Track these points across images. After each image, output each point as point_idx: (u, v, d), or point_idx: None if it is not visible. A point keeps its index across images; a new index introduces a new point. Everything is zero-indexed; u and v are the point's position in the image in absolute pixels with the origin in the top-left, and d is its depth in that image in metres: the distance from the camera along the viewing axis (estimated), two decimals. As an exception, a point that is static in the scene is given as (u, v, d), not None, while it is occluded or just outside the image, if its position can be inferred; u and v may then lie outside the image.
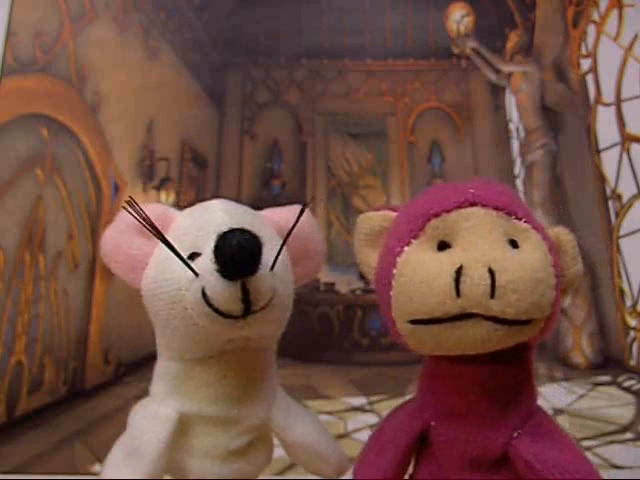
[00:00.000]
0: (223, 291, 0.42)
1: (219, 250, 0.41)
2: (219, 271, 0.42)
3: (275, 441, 0.56)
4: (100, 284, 1.32)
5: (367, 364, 1.44)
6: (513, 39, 1.70)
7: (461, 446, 0.43)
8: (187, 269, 0.43)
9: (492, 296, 0.37)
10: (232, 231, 0.42)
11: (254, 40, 1.74)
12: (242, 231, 0.42)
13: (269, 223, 0.52)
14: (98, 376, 1.29)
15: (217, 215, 0.48)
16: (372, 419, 1.19)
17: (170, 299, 0.45)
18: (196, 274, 0.43)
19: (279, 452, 0.57)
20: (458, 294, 0.37)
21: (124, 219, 0.47)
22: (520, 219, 0.41)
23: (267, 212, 0.54)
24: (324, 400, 1.25)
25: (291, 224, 0.48)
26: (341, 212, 1.71)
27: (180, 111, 1.63)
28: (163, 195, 1.58)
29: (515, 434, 0.42)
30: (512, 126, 1.72)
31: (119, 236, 0.48)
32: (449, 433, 0.44)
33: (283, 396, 0.55)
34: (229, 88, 1.79)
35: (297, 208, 0.50)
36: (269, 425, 0.53)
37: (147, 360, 1.49)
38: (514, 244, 0.40)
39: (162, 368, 0.50)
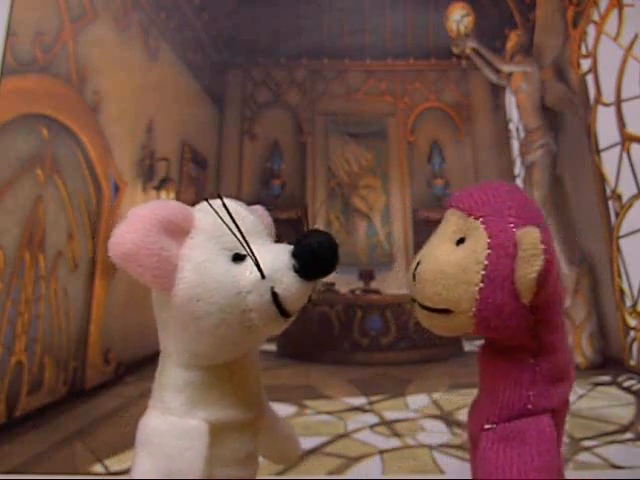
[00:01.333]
0: (299, 291, 0.43)
1: (305, 251, 0.42)
2: (299, 271, 0.42)
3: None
4: (100, 284, 1.32)
5: (367, 364, 1.44)
6: (513, 39, 1.70)
7: (468, 424, 0.49)
8: (246, 271, 0.43)
9: (414, 283, 0.45)
10: (314, 232, 0.43)
11: (254, 40, 1.74)
12: (321, 233, 0.43)
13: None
14: (98, 376, 1.29)
15: (243, 215, 0.47)
16: (372, 419, 1.19)
17: (225, 303, 0.43)
18: (263, 275, 0.43)
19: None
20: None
21: (144, 217, 0.43)
22: (477, 218, 0.44)
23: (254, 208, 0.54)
24: (324, 400, 1.25)
25: (266, 221, 0.50)
26: (341, 212, 1.71)
27: (180, 111, 1.63)
28: (163, 195, 1.58)
29: (487, 426, 0.44)
30: (512, 126, 1.72)
31: (143, 236, 0.42)
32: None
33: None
34: (229, 88, 1.79)
35: (261, 208, 0.53)
36: (265, 422, 0.53)
37: (147, 360, 1.50)
38: (462, 241, 0.44)
39: (180, 378, 0.46)
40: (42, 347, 1.19)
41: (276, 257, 0.44)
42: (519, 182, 1.63)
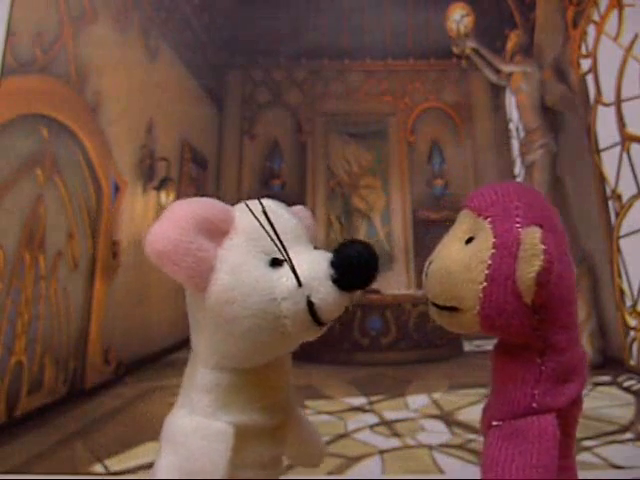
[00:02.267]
0: (335, 301, 0.42)
1: (344, 261, 0.41)
2: (337, 281, 0.41)
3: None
4: (100, 284, 1.32)
5: (367, 364, 1.44)
6: (513, 39, 1.70)
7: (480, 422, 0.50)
8: (283, 277, 0.42)
9: (426, 281, 0.47)
10: (352, 243, 0.42)
11: (254, 40, 1.74)
12: (361, 244, 0.42)
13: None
14: (98, 376, 1.29)
15: (285, 218, 0.46)
16: (372, 419, 1.19)
17: (259, 308, 0.42)
18: (300, 283, 0.42)
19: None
20: None
21: (183, 215, 0.42)
22: (485, 218, 0.44)
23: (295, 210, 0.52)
24: (324, 400, 1.25)
25: (308, 224, 0.49)
26: (341, 212, 1.71)
27: (180, 111, 1.63)
28: (163, 195, 1.58)
29: (494, 423, 0.45)
30: (512, 126, 1.72)
31: (180, 235, 0.41)
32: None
33: (295, 397, 0.55)
34: (229, 88, 1.79)
35: (305, 208, 0.51)
36: (292, 427, 0.52)
37: (147, 360, 1.50)
38: (471, 240, 0.45)
39: (208, 379, 0.46)
40: (42, 347, 1.19)
41: (314, 265, 0.43)
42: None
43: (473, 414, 1.17)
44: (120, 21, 1.49)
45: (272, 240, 0.43)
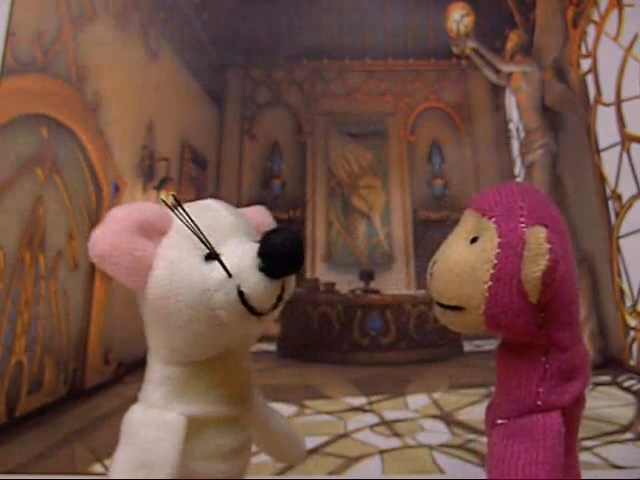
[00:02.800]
0: (265, 290, 0.43)
1: (269, 250, 0.42)
2: (265, 270, 0.42)
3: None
4: (100, 284, 1.32)
5: (367, 364, 1.44)
6: (513, 39, 1.70)
7: (485, 420, 0.50)
8: (215, 270, 0.43)
9: (430, 280, 0.47)
10: (278, 231, 0.43)
11: (254, 40, 1.74)
12: (288, 231, 0.43)
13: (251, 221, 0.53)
14: (98, 376, 1.29)
15: (222, 215, 0.48)
16: (372, 419, 1.19)
17: (193, 301, 0.44)
18: (229, 274, 0.43)
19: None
20: None
21: (120, 218, 0.45)
22: (490, 218, 0.45)
23: (243, 210, 0.54)
24: (324, 400, 1.25)
25: (259, 222, 0.51)
26: (341, 212, 1.71)
27: (180, 111, 1.63)
28: (163, 195, 1.58)
29: (499, 421, 0.45)
30: (512, 126, 1.72)
31: (117, 237, 0.45)
32: None
33: (258, 391, 0.56)
34: (229, 88, 1.79)
35: (261, 208, 0.54)
36: (254, 419, 0.53)
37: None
38: (476, 240, 0.45)
39: (161, 373, 0.48)
40: (42, 347, 1.19)
41: (243, 256, 0.44)
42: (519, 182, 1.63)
43: (473, 414, 1.17)
44: (120, 21, 1.49)
45: (195, 234, 0.44)
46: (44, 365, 1.20)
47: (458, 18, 1.71)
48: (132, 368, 1.35)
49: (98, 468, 1.05)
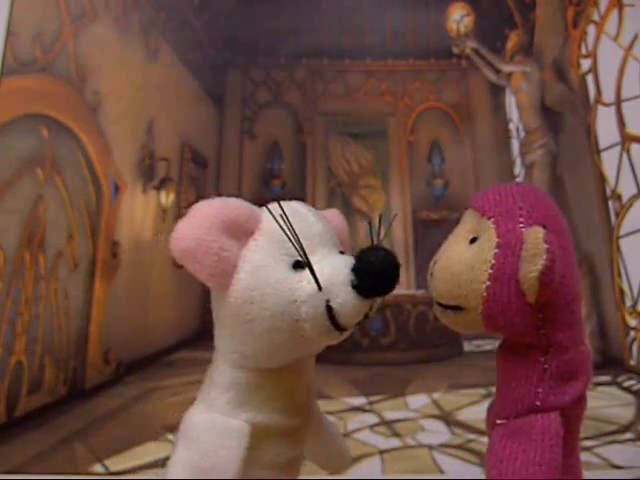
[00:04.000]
0: (354, 307, 0.42)
1: (365, 268, 0.41)
2: (357, 287, 0.41)
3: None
4: (100, 284, 1.32)
5: (367, 364, 1.44)
6: (513, 39, 1.70)
7: (486, 420, 0.50)
8: (304, 280, 0.42)
9: (431, 280, 0.47)
10: (373, 250, 0.42)
11: (254, 40, 1.74)
12: (383, 251, 0.42)
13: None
14: (98, 376, 1.29)
15: (311, 221, 0.46)
16: (372, 419, 1.19)
17: (278, 310, 0.42)
18: (320, 287, 0.42)
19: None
20: None
21: (208, 214, 0.42)
22: (489, 218, 0.45)
23: (324, 213, 0.52)
24: (324, 400, 1.25)
25: (337, 227, 0.49)
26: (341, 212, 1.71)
27: (180, 111, 1.63)
28: (163, 195, 1.58)
29: (499, 421, 0.45)
30: (512, 126, 1.72)
31: (204, 234, 0.41)
32: None
33: (315, 400, 0.55)
34: (229, 88, 1.79)
35: (337, 212, 0.52)
36: (311, 430, 0.52)
37: (147, 360, 1.50)
38: (475, 240, 0.45)
39: (228, 376, 0.46)
40: (42, 347, 1.19)
41: (335, 270, 0.42)
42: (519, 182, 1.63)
43: (473, 414, 1.17)
44: (120, 21, 1.49)
45: (292, 243, 0.43)
46: (44, 365, 1.20)
47: (458, 18, 1.71)
48: (132, 368, 1.35)
49: (98, 468, 1.05)
